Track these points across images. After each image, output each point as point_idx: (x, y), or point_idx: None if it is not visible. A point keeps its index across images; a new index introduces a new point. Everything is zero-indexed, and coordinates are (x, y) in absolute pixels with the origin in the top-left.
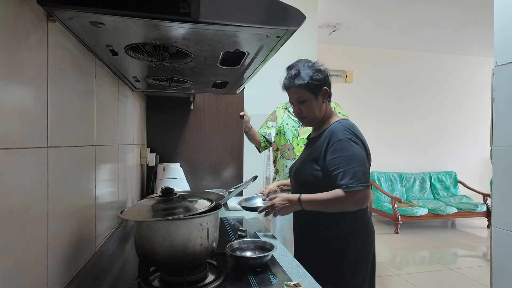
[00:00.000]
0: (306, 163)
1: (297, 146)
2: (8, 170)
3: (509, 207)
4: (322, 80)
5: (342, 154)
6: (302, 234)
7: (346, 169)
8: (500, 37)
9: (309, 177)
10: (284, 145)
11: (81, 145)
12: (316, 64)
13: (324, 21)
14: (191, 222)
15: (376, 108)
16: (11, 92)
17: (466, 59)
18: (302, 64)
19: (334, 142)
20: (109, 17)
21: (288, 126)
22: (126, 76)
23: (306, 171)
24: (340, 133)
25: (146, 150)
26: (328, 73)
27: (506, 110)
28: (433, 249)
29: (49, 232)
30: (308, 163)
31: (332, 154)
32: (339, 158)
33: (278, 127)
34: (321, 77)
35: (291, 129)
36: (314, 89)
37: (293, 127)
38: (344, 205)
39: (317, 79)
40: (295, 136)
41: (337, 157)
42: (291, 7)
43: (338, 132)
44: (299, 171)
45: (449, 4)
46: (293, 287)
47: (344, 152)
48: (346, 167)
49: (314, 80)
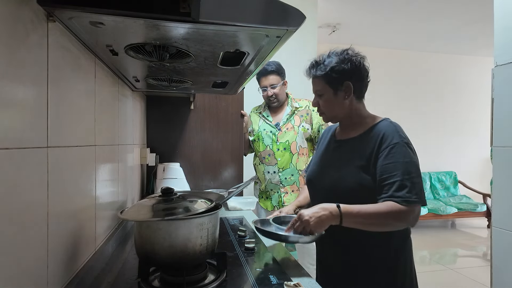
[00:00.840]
0: (351, 170)
1: (277, 151)
2: (8, 170)
3: (509, 207)
4: (347, 72)
5: (400, 161)
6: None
7: (404, 179)
8: (500, 37)
9: (357, 186)
10: (264, 151)
11: (81, 145)
12: (348, 52)
13: (324, 21)
14: (191, 222)
15: (376, 108)
16: (11, 92)
17: (466, 59)
18: (334, 50)
19: (388, 145)
20: (109, 17)
21: (265, 131)
22: (126, 76)
23: (352, 179)
24: (395, 135)
25: (146, 150)
26: (361, 64)
27: (506, 110)
28: (433, 249)
29: (49, 232)
30: (353, 170)
31: (386, 159)
32: (396, 164)
33: (255, 133)
34: (345, 68)
35: (269, 134)
36: (333, 83)
37: (271, 132)
38: (398, 221)
39: (339, 70)
40: (274, 142)
41: (393, 163)
42: (291, 7)
43: (392, 134)
44: (341, 180)
45: (449, 4)
46: (293, 287)
47: (402, 158)
48: (404, 176)
49: (334, 72)
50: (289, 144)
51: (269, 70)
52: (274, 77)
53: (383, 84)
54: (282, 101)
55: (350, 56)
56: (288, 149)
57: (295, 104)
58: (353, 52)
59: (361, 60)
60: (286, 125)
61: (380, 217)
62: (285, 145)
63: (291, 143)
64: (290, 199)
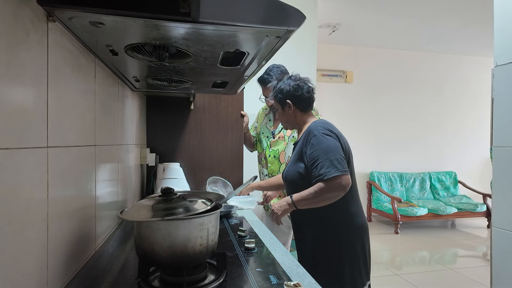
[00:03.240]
0: (293, 164)
1: (269, 157)
2: (8, 170)
3: (509, 207)
4: (287, 93)
5: (318, 147)
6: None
7: (323, 160)
8: (500, 37)
9: (296, 175)
10: (261, 153)
11: (81, 145)
12: (287, 77)
13: (324, 21)
14: (191, 222)
15: (376, 108)
16: (11, 92)
17: (466, 59)
18: (276, 74)
19: (310, 138)
20: (109, 17)
21: (263, 135)
22: (126, 76)
23: (293, 170)
24: (314, 130)
25: (146, 150)
26: (300, 85)
27: (506, 110)
28: (433, 249)
29: (49, 232)
30: (294, 164)
31: (310, 149)
32: (316, 151)
33: (258, 132)
34: (285, 90)
35: (266, 139)
36: (280, 102)
37: (267, 137)
38: (328, 193)
39: (281, 92)
40: (268, 147)
41: (314, 151)
42: (291, 7)
43: (313, 130)
44: (287, 172)
45: (449, 4)
46: (293, 287)
47: (320, 145)
48: (323, 158)
49: (279, 93)
50: (279, 153)
51: (270, 80)
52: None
53: (383, 84)
54: None
55: (292, 81)
56: (277, 158)
57: None
58: (298, 77)
59: (299, 83)
60: (279, 135)
61: (316, 195)
62: (275, 153)
63: (280, 153)
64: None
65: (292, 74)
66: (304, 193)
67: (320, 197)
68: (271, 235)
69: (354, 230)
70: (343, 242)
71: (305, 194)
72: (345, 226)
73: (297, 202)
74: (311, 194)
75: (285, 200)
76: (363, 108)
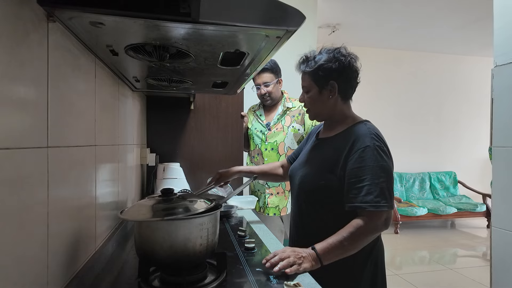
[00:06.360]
0: (318, 170)
1: (265, 151)
2: (8, 170)
3: (509, 207)
4: (334, 71)
5: (370, 165)
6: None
7: (372, 183)
8: (499, 37)
9: (321, 186)
10: (254, 150)
11: (81, 145)
12: (339, 50)
13: (324, 21)
14: (191, 222)
15: (375, 108)
16: (11, 92)
17: (465, 59)
18: (326, 48)
19: (359, 148)
20: (109, 17)
21: (256, 130)
22: (126, 76)
23: (318, 180)
24: (367, 138)
25: (146, 150)
26: (350, 65)
27: (506, 110)
28: (432, 249)
29: (49, 232)
30: (320, 171)
31: (355, 162)
32: (365, 169)
33: (249, 131)
34: (332, 67)
35: (259, 133)
36: (319, 81)
37: (261, 131)
38: (369, 235)
39: (326, 69)
40: (263, 141)
41: (362, 167)
42: (290, 8)
43: (364, 137)
44: (308, 177)
45: (449, 4)
46: (293, 287)
47: (372, 162)
48: (372, 181)
49: (321, 70)
50: (277, 145)
51: (263, 68)
52: (268, 75)
53: (383, 84)
54: (276, 99)
55: (340, 55)
56: (275, 150)
57: (287, 104)
58: (345, 51)
59: (351, 60)
60: (276, 125)
61: (351, 238)
62: (273, 145)
63: (279, 144)
64: (274, 202)
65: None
66: (333, 241)
67: (358, 242)
68: (271, 235)
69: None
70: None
71: (335, 242)
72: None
73: (324, 256)
74: (345, 239)
75: (307, 253)
76: (362, 107)
